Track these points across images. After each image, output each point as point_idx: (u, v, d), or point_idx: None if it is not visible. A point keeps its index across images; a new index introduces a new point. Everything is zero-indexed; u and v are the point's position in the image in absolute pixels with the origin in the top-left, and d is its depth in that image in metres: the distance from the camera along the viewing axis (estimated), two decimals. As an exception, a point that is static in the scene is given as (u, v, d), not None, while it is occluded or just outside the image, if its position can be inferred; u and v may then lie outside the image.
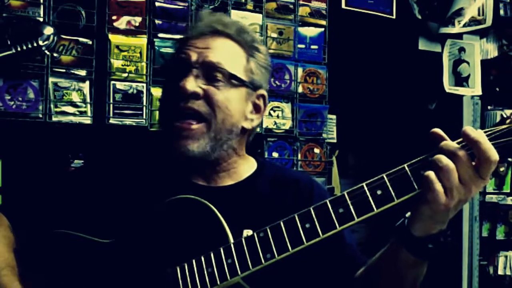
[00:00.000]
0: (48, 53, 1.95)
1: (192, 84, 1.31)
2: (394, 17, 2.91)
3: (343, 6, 2.77)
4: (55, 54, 2.06)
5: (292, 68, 2.54)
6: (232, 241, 1.16)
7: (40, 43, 1.63)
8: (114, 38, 2.17)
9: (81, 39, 2.11)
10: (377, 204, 1.08)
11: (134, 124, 2.19)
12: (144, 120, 2.21)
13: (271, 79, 2.44)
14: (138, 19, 2.21)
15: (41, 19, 2.02)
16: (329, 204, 1.11)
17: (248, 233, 1.21)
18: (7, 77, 1.98)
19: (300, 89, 2.56)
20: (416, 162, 1.09)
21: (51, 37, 1.66)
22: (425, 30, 3.16)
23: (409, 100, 3.20)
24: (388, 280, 1.23)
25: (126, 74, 2.18)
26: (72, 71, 2.10)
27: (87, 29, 2.12)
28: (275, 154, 2.50)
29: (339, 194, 1.12)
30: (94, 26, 2.14)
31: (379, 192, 1.08)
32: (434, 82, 3.20)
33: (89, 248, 1.28)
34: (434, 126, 1.11)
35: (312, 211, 1.11)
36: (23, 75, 2.02)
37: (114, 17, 2.17)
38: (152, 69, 2.23)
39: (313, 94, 2.59)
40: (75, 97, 2.10)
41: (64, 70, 2.09)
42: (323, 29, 2.62)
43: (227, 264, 1.13)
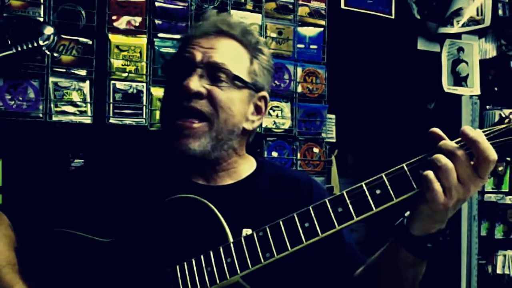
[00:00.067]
0: (48, 53, 1.95)
1: (196, 84, 1.31)
2: (393, 17, 2.91)
3: (342, 6, 2.76)
4: (55, 54, 2.06)
5: (291, 67, 2.53)
6: (231, 240, 1.16)
7: (41, 43, 1.62)
8: (114, 38, 2.16)
9: (81, 39, 2.11)
10: (376, 204, 1.08)
11: (134, 123, 2.19)
12: (144, 120, 2.21)
13: (270, 79, 2.44)
14: (138, 19, 2.20)
15: (42, 19, 2.02)
16: (328, 204, 1.11)
17: (247, 232, 1.21)
18: (8, 77, 1.98)
19: (299, 89, 2.56)
20: (415, 161, 1.09)
21: (51, 37, 1.66)
22: (424, 30, 3.15)
23: (408, 99, 3.20)
24: (387, 279, 1.23)
25: (126, 74, 2.18)
26: (72, 71, 2.10)
27: (87, 29, 2.12)
28: (275, 154, 2.50)
29: (338, 194, 1.12)
30: (94, 26, 2.13)
31: (378, 191, 1.08)
32: (433, 81, 3.20)
33: (89, 247, 1.29)
34: (433, 126, 1.11)
35: (311, 210, 1.12)
36: (23, 75, 2.02)
37: (114, 17, 2.17)
38: (152, 69, 2.22)
39: (313, 93, 2.59)
40: (75, 96, 2.10)
41: (64, 70, 2.09)
42: (322, 29, 2.62)
43: (227, 263, 1.14)
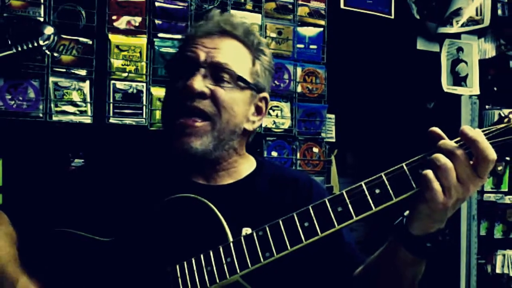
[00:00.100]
0: (48, 52, 1.95)
1: (200, 84, 1.31)
2: (392, 17, 2.91)
3: (342, 6, 2.76)
4: (55, 54, 2.06)
5: (291, 67, 2.54)
6: (231, 239, 1.16)
7: (41, 43, 1.62)
8: (114, 38, 2.17)
9: (81, 39, 2.11)
10: (375, 203, 1.08)
11: (134, 123, 2.20)
12: (144, 120, 2.21)
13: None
14: (138, 19, 2.21)
15: (42, 19, 2.02)
16: (327, 203, 1.11)
17: (247, 231, 1.21)
18: (8, 77, 1.98)
19: (299, 89, 2.56)
20: (415, 161, 1.09)
21: (52, 37, 1.66)
22: (424, 30, 3.16)
23: (408, 99, 3.20)
24: (387, 279, 1.23)
25: (126, 74, 2.18)
26: (73, 71, 2.11)
27: (87, 29, 2.12)
28: (274, 153, 2.50)
29: (337, 193, 1.12)
30: (94, 26, 2.14)
31: (377, 191, 1.08)
32: (433, 81, 3.20)
33: (90, 247, 1.29)
34: (432, 125, 1.11)
35: (311, 209, 1.12)
36: (23, 75, 2.02)
37: (114, 17, 2.17)
38: (152, 69, 2.23)
39: (312, 93, 2.59)
40: (75, 96, 2.10)
41: (64, 70, 2.09)
42: (322, 29, 2.62)
43: (226, 262, 1.14)
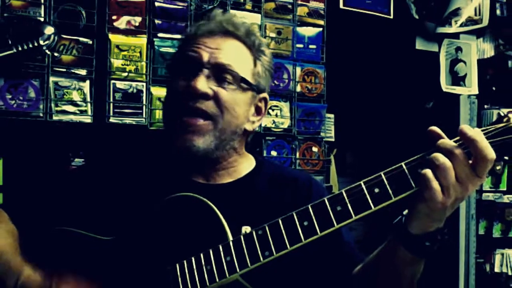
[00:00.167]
0: (48, 52, 1.96)
1: (204, 85, 1.31)
2: (391, 17, 2.91)
3: (341, 6, 2.77)
4: (55, 54, 2.07)
5: (290, 67, 2.54)
6: (231, 238, 1.17)
7: (41, 42, 1.62)
8: (114, 38, 2.17)
9: (81, 38, 2.11)
10: (374, 202, 1.08)
11: (134, 123, 2.20)
12: (144, 119, 2.21)
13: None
14: (138, 19, 2.21)
15: (42, 19, 2.03)
16: (327, 202, 1.11)
17: (246, 229, 1.22)
18: (8, 77, 1.98)
19: (298, 88, 2.56)
20: (414, 160, 1.09)
21: (52, 36, 1.66)
22: (422, 30, 3.16)
23: (407, 99, 3.20)
24: (386, 278, 1.23)
25: (126, 74, 2.19)
26: (73, 71, 2.11)
27: (88, 29, 2.13)
28: (274, 153, 2.50)
29: (337, 192, 1.12)
30: (94, 26, 2.14)
31: (376, 190, 1.08)
32: (431, 81, 3.21)
33: (90, 246, 1.29)
34: (431, 125, 1.11)
35: (310, 209, 1.12)
36: (24, 75, 2.02)
37: (114, 17, 2.18)
38: (152, 69, 2.23)
39: (311, 93, 2.60)
40: (76, 96, 2.10)
41: (64, 70, 2.10)
42: (321, 29, 2.62)
43: (226, 261, 1.14)
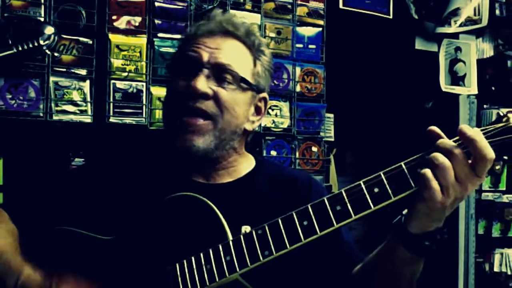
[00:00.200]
0: (49, 52, 1.96)
1: (203, 85, 1.31)
2: (391, 17, 2.91)
3: (340, 6, 2.77)
4: (55, 54, 2.07)
5: (290, 67, 2.55)
6: (230, 238, 1.17)
7: (41, 42, 1.63)
8: (114, 38, 2.17)
9: (81, 38, 2.12)
10: (374, 202, 1.08)
11: (134, 122, 2.20)
12: (144, 119, 2.22)
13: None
14: (138, 19, 2.21)
15: (42, 19, 2.03)
16: (326, 202, 1.11)
17: (246, 229, 1.22)
18: (8, 76, 1.99)
19: (298, 88, 2.56)
20: (413, 160, 1.09)
21: (52, 36, 1.66)
22: (422, 30, 3.16)
23: (406, 99, 3.20)
24: (385, 277, 1.23)
25: (126, 74, 2.19)
26: (73, 71, 2.11)
27: (88, 28, 2.13)
28: (273, 153, 2.50)
29: (336, 192, 1.12)
30: (94, 26, 2.14)
31: (376, 189, 1.08)
32: (431, 81, 3.21)
33: (90, 245, 1.29)
34: (430, 125, 1.11)
35: (309, 208, 1.12)
36: (24, 74, 2.02)
37: (114, 17, 2.18)
38: (151, 69, 2.23)
39: (311, 93, 2.60)
40: (76, 96, 2.11)
41: (64, 70, 2.10)
42: (320, 29, 2.63)
43: (226, 261, 1.14)
